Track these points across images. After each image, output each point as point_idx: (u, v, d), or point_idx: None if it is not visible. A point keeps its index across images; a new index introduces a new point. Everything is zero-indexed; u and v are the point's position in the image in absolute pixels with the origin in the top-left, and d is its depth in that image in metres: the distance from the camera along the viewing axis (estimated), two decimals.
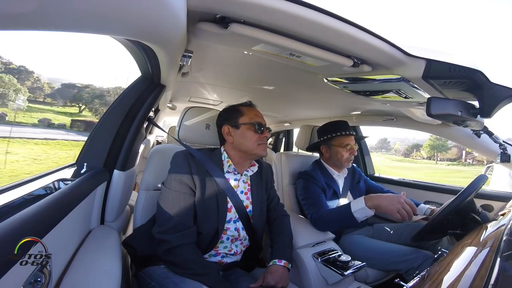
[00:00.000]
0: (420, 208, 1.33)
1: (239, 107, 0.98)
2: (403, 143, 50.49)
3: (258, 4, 0.56)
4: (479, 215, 0.98)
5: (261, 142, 0.93)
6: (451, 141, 1.57)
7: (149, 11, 0.43)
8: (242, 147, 0.92)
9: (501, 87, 0.75)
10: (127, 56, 0.81)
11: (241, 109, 0.96)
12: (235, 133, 0.93)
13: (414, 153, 47.20)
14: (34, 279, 0.44)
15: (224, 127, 0.95)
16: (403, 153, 49.57)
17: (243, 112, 0.95)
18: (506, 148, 1.29)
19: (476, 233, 0.79)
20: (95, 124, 0.96)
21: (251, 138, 0.91)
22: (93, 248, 0.72)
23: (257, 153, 0.93)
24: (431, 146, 42.41)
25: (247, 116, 0.94)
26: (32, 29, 0.28)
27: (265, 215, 1.01)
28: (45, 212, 0.50)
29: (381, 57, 0.78)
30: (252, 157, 0.96)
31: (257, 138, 0.92)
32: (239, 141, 0.92)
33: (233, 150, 0.94)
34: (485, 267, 0.46)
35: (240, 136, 0.92)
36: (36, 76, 31.31)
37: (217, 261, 0.90)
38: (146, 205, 0.98)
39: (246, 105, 1.00)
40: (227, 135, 0.95)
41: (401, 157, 48.09)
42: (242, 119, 0.94)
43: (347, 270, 0.96)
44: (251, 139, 0.91)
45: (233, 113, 0.96)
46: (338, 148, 1.38)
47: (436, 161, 40.31)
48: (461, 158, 42.09)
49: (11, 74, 29.31)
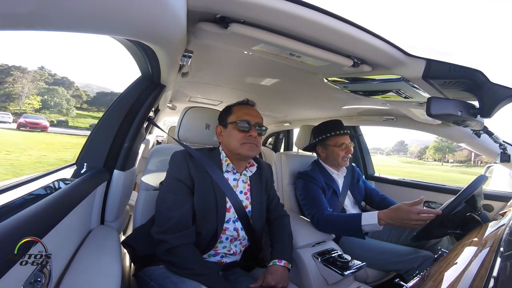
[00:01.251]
0: None
1: (232, 106, 0.97)
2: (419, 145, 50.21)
3: (258, 4, 0.56)
4: (479, 215, 0.99)
5: (246, 141, 0.88)
6: (451, 141, 1.57)
7: (149, 11, 0.43)
8: (229, 146, 0.92)
9: (501, 87, 0.75)
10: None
11: (232, 108, 0.95)
12: (224, 133, 0.93)
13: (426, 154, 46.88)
14: (34, 279, 0.44)
15: (217, 127, 0.96)
16: (416, 155, 49.33)
17: (233, 111, 0.94)
18: (506, 148, 1.29)
19: (476, 233, 0.79)
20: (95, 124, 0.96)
21: (235, 137, 0.89)
22: (93, 248, 0.72)
23: (240, 152, 0.89)
24: (436, 147, 42.10)
25: (235, 115, 0.92)
26: (32, 29, 0.28)
27: (264, 216, 1.01)
28: (45, 212, 0.50)
29: (381, 57, 0.78)
30: (237, 157, 0.92)
31: (241, 137, 0.88)
32: (226, 140, 0.92)
33: (225, 150, 0.94)
34: (485, 267, 0.46)
35: (227, 135, 0.92)
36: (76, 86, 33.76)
37: (217, 261, 0.90)
38: (146, 205, 0.98)
39: (240, 103, 0.97)
40: (218, 135, 0.95)
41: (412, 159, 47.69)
42: (230, 118, 0.93)
43: (347, 270, 0.96)
44: (235, 138, 0.89)
45: (225, 112, 0.96)
46: (333, 148, 1.38)
47: (442, 162, 40.05)
48: (471, 160, 41.61)
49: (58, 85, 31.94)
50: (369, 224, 1.03)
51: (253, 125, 0.90)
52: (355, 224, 1.05)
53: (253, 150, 0.90)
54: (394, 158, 49.08)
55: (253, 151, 0.90)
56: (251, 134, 0.89)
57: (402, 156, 52.68)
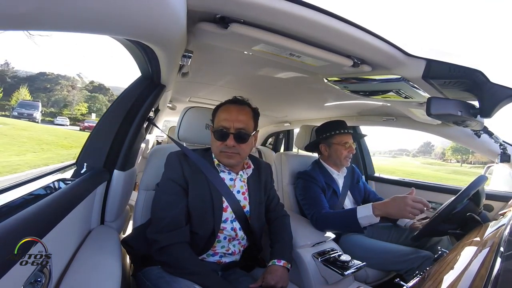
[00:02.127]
0: (403, 219, 1.36)
1: (218, 106, 0.94)
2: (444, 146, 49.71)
3: (258, 4, 0.56)
4: (479, 215, 0.98)
5: (224, 150, 0.86)
6: (451, 141, 1.57)
7: (149, 11, 0.43)
8: (213, 151, 0.92)
9: (501, 87, 0.75)
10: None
11: (218, 110, 0.93)
12: (211, 136, 0.92)
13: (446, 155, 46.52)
14: (34, 279, 0.44)
15: (210, 127, 0.95)
16: (439, 157, 49.04)
17: (216, 114, 0.92)
18: (506, 148, 1.29)
19: (476, 233, 0.79)
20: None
21: (215, 144, 0.89)
22: (93, 248, 0.72)
23: (220, 160, 0.89)
24: (453, 148, 41.83)
25: (217, 119, 0.90)
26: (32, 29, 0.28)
27: (263, 215, 1.01)
28: (45, 212, 0.50)
29: (381, 57, 0.78)
30: (222, 163, 0.91)
31: (219, 145, 0.87)
32: (211, 144, 0.92)
33: None
34: (485, 267, 0.46)
35: (212, 139, 0.91)
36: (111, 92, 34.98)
37: (216, 261, 0.90)
38: (146, 205, 0.98)
39: (226, 102, 0.93)
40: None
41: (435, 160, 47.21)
42: (215, 121, 0.92)
43: (347, 270, 0.96)
44: (215, 146, 0.89)
45: (213, 114, 0.94)
46: (337, 146, 1.38)
47: (461, 164, 39.82)
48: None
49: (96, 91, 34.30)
50: (364, 216, 1.04)
51: (231, 132, 0.85)
52: (352, 218, 1.06)
53: (231, 158, 0.87)
54: (418, 160, 48.86)
55: (232, 160, 0.88)
56: (227, 143, 0.85)
57: (427, 158, 52.30)
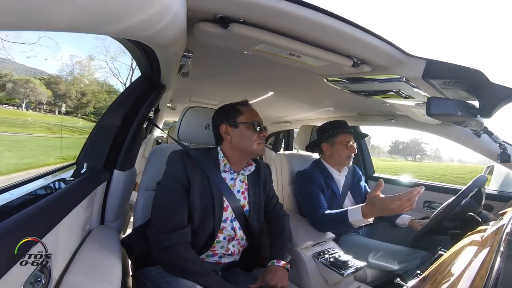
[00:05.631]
0: (402, 218, 1.37)
1: (236, 106, 0.97)
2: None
3: (258, 4, 0.56)
4: (479, 215, 0.99)
5: (260, 141, 0.94)
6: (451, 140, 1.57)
7: (149, 11, 0.43)
8: (241, 146, 0.92)
9: (501, 87, 0.75)
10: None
11: (239, 108, 0.96)
12: (233, 132, 0.93)
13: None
14: (34, 279, 0.44)
15: (222, 126, 0.94)
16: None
17: (242, 111, 0.95)
18: (506, 148, 1.29)
19: (476, 233, 0.79)
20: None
21: (251, 137, 0.92)
22: (93, 248, 0.71)
23: (256, 152, 0.93)
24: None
25: (246, 115, 0.94)
26: (31, 29, 0.28)
27: (262, 215, 1.01)
28: (45, 212, 0.50)
29: (381, 57, 0.78)
30: (251, 156, 0.96)
31: (257, 137, 0.93)
32: (238, 140, 0.92)
33: (231, 149, 0.94)
34: (485, 267, 0.46)
35: (238, 135, 0.92)
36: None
37: (215, 261, 0.90)
38: (146, 205, 0.98)
39: (243, 104, 0.99)
40: (225, 134, 0.94)
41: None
42: (241, 118, 0.93)
43: (347, 270, 0.95)
44: (250, 138, 0.92)
45: (231, 112, 0.95)
46: (340, 145, 1.39)
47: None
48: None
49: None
50: (355, 219, 1.04)
51: (264, 126, 0.96)
52: (344, 222, 1.06)
53: (264, 149, 0.97)
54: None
55: (264, 150, 0.98)
56: (264, 134, 0.95)
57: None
